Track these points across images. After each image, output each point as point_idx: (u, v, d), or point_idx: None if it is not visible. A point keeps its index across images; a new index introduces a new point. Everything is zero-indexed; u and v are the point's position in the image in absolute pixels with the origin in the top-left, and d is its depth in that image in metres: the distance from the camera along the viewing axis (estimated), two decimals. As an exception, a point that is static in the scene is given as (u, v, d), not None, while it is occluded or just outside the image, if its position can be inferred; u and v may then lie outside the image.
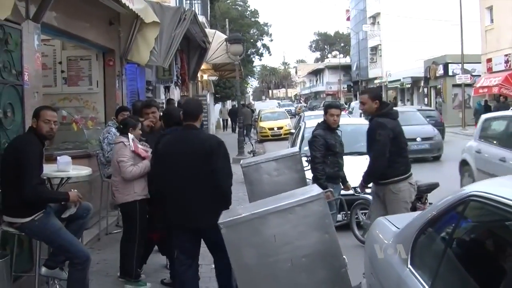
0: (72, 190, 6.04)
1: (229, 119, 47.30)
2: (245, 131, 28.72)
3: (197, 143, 6.00)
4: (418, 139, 19.69)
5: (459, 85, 39.65)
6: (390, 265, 4.17)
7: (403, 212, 6.21)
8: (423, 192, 8.51)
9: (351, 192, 9.86)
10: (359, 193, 9.73)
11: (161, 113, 8.07)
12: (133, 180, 6.95)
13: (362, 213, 9.36)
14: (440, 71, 46.47)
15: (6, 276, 5.45)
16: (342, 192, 9.47)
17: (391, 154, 6.84)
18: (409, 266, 3.85)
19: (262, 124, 35.65)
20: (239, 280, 4.44)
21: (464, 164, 12.79)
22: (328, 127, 8.49)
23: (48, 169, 6.30)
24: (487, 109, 29.41)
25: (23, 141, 5.68)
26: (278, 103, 70.74)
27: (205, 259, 8.06)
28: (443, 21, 51.31)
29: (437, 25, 54.17)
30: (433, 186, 8.57)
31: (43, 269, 6.02)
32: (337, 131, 8.69)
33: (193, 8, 23.15)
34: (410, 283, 3.70)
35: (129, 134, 7.09)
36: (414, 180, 7.32)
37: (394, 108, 7.86)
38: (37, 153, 5.55)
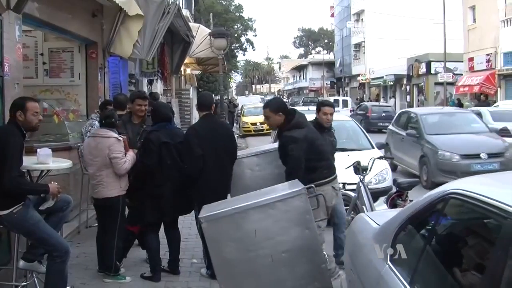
0: (52, 182, 5.98)
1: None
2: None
3: (224, 127, 7.84)
4: (483, 155, 13.90)
5: (441, 83, 39.98)
6: (370, 261, 4.18)
7: (321, 217, 6.04)
8: (403, 189, 8.56)
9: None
10: (340, 189, 9.78)
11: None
12: (120, 176, 6.97)
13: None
14: (423, 69, 46.80)
15: (-17, 268, 5.41)
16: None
17: (311, 161, 6.58)
18: (389, 262, 3.86)
19: (245, 119, 35.57)
20: (219, 275, 4.44)
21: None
22: (320, 126, 8.14)
23: (28, 161, 6.23)
24: (460, 106, 30.97)
25: (4, 132, 5.62)
26: (262, 98, 70.64)
27: (186, 253, 8.09)
28: (426, 20, 51.54)
29: (420, 23, 54.42)
30: (413, 183, 8.62)
31: (21, 262, 5.95)
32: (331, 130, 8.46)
33: (177, 2, 23.04)
34: (389, 280, 3.71)
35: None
36: (339, 185, 7.44)
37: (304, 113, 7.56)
38: (18, 145, 5.50)
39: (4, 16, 6.66)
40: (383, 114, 34.15)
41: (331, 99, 50.34)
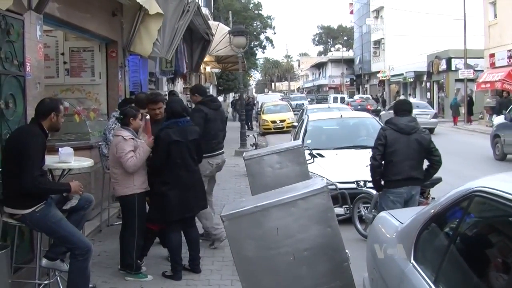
0: (74, 181, 6.01)
1: (230, 113, 47.12)
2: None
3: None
4: None
5: (461, 80, 39.71)
6: (393, 260, 4.14)
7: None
8: (425, 187, 8.48)
9: (353, 186, 9.89)
10: (361, 187, 9.75)
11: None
12: (133, 173, 6.95)
13: (364, 207, 9.32)
14: (443, 65, 46.45)
15: (6, 267, 5.42)
16: (345, 186, 9.48)
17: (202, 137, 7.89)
18: (412, 261, 3.83)
19: (264, 116, 35.56)
20: (240, 273, 4.42)
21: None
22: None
23: (50, 160, 6.26)
24: (471, 104, 35.74)
25: (26, 132, 5.66)
26: (281, 96, 70.67)
27: (206, 251, 8.10)
28: (446, 16, 51.16)
29: (440, 19, 54.01)
30: (435, 181, 8.53)
31: (44, 261, 5.99)
32: None
33: (197, 0, 23.08)
34: (413, 278, 3.68)
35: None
36: (216, 161, 8.75)
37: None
38: (39, 144, 5.53)
39: (25, 16, 6.70)
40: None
41: (332, 96, 57.66)
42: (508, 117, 18.93)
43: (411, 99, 42.47)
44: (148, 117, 7.35)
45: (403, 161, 7.53)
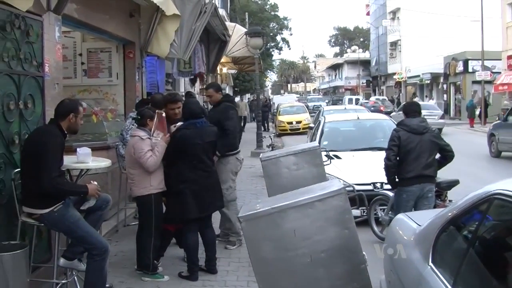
0: (92, 181, 6.03)
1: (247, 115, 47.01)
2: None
3: None
4: None
5: (478, 82, 39.50)
6: (411, 262, 4.12)
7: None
8: (443, 189, 8.46)
9: (370, 187, 9.86)
10: (378, 188, 9.72)
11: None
12: (150, 174, 6.97)
13: (381, 209, 9.30)
14: (460, 67, 46.20)
15: (25, 266, 5.48)
16: (362, 187, 9.46)
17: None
18: (430, 264, 3.80)
19: (280, 118, 35.55)
20: (257, 274, 4.42)
21: None
22: None
23: (68, 161, 6.30)
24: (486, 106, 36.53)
25: (44, 132, 5.69)
26: (298, 97, 70.59)
27: (223, 252, 8.10)
28: (463, 17, 50.89)
29: (457, 21, 53.75)
30: (453, 184, 8.50)
31: (62, 260, 6.03)
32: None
33: (213, 1, 23.13)
34: (431, 281, 3.66)
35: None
36: (241, 157, 8.92)
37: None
38: (58, 145, 5.56)
39: (44, 17, 6.75)
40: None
41: (347, 98, 56.24)
42: (502, 117, 20.59)
43: (426, 101, 42.47)
44: (164, 114, 7.37)
45: (416, 160, 7.75)
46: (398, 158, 7.84)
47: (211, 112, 8.81)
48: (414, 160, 7.74)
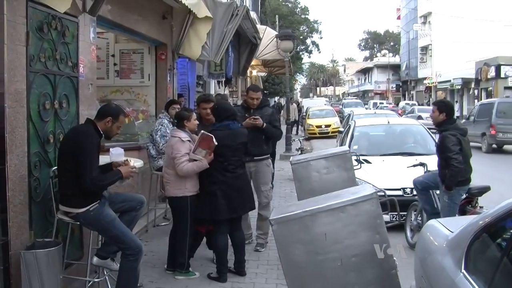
0: (123, 165, 6.04)
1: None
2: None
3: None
4: None
5: (511, 88, 38.94)
6: (443, 269, 4.10)
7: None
8: (473, 195, 8.39)
9: (400, 193, 9.81)
10: (408, 194, 9.68)
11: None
12: (186, 177, 7.01)
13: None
14: (492, 72, 45.63)
15: (59, 263, 5.57)
16: (393, 193, 9.43)
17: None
18: (463, 271, 3.78)
19: (309, 121, 35.49)
20: (287, 277, 4.43)
21: None
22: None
23: (101, 160, 6.37)
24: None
25: (81, 132, 5.73)
26: (327, 100, 70.06)
27: (252, 254, 8.12)
28: (495, 22, 50.34)
29: (489, 25, 53.16)
30: (484, 190, 8.43)
31: (95, 259, 6.09)
32: None
33: (245, 4, 23.18)
34: (464, 288, 3.63)
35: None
36: None
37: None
38: (95, 145, 5.63)
39: (80, 18, 6.84)
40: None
41: (371, 102, 55.06)
42: None
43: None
44: (211, 136, 7.23)
45: (467, 161, 7.96)
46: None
47: (257, 114, 8.54)
48: (466, 162, 7.89)
